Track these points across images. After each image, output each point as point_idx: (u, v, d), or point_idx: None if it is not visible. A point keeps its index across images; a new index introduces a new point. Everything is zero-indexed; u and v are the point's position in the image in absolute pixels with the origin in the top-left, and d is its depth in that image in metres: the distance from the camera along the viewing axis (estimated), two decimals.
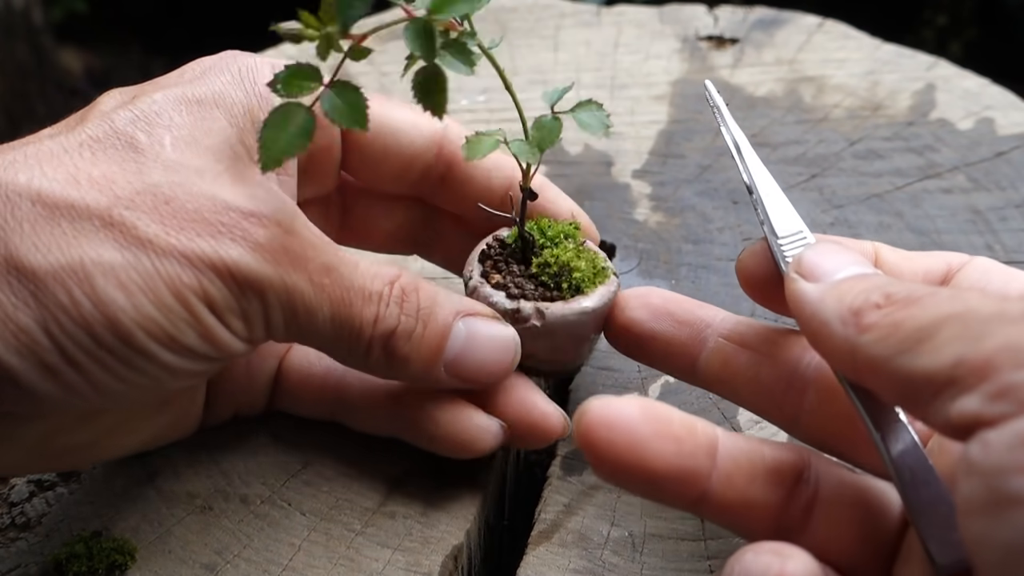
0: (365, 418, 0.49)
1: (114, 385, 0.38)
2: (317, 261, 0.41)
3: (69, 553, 0.44)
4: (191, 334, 0.39)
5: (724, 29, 0.86)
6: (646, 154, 0.72)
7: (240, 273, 0.39)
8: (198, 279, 0.38)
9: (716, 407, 0.53)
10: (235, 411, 0.50)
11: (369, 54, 0.41)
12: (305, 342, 0.44)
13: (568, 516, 0.48)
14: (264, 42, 0.85)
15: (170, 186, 0.39)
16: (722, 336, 0.45)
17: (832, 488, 0.38)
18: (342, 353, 0.44)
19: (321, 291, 0.41)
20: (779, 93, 0.78)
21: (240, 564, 0.45)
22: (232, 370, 0.49)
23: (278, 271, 0.40)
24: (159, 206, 0.39)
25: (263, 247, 0.40)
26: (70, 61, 2.44)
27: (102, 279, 0.37)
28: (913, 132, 0.73)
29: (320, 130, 0.48)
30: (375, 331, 0.43)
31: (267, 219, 0.40)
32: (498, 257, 0.49)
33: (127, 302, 0.37)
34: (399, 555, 0.45)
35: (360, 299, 0.42)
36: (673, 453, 0.35)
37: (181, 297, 0.38)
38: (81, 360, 0.37)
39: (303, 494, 0.48)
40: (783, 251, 0.43)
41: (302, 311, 0.41)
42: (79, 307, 0.37)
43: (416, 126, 0.51)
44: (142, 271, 0.37)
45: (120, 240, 0.38)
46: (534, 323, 0.46)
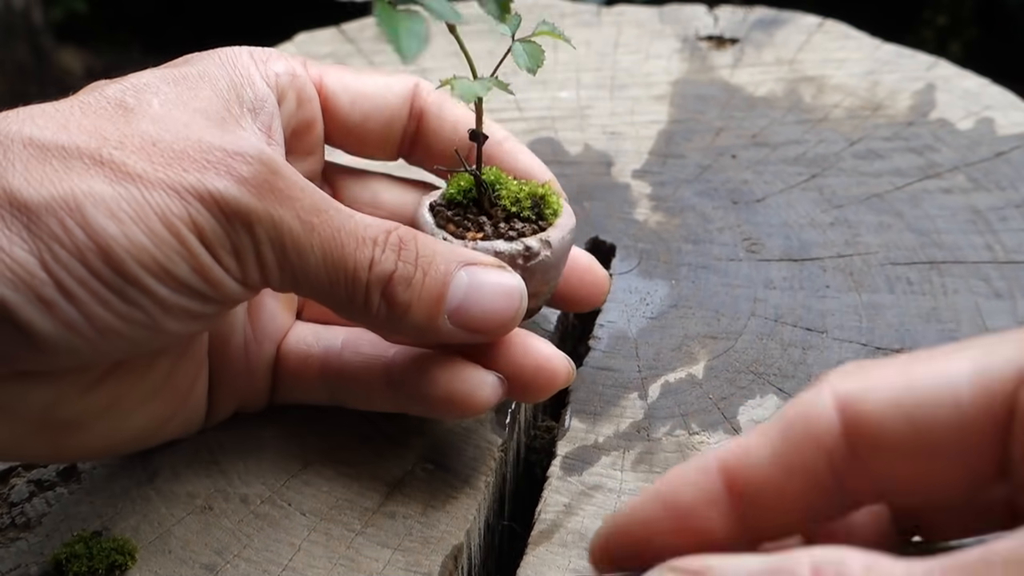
0: (365, 394, 0.49)
1: (111, 321, 0.38)
2: (306, 201, 0.42)
3: (69, 553, 0.44)
4: (183, 266, 0.39)
5: (724, 29, 0.86)
6: (646, 154, 0.72)
7: (226, 204, 0.40)
8: (186, 210, 0.39)
9: (716, 407, 0.53)
10: (238, 404, 0.50)
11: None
12: (303, 291, 0.43)
13: (568, 516, 0.48)
14: (264, 42, 0.85)
15: (158, 132, 0.41)
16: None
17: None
18: (342, 302, 0.43)
19: (311, 230, 0.41)
20: (779, 93, 0.78)
21: (240, 564, 0.45)
22: (230, 359, 0.49)
23: (264, 204, 0.40)
24: (147, 147, 0.40)
25: (248, 181, 0.40)
26: (70, 61, 2.44)
27: (92, 209, 0.38)
28: (913, 132, 0.73)
29: (303, 105, 0.49)
30: (371, 275, 0.42)
31: (252, 158, 0.41)
32: (457, 217, 0.48)
33: (118, 230, 0.38)
34: (399, 555, 0.45)
35: (353, 242, 0.42)
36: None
37: (171, 227, 0.39)
38: (77, 292, 0.37)
39: (303, 494, 0.48)
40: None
41: (291, 249, 0.41)
42: (72, 236, 0.37)
43: (389, 87, 0.52)
44: (132, 202, 0.38)
45: (110, 175, 0.39)
46: (545, 255, 0.46)
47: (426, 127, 0.52)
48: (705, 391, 0.54)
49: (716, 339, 0.57)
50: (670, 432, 0.52)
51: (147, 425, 0.46)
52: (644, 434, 0.52)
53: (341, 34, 0.85)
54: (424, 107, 0.52)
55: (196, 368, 0.47)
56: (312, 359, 0.49)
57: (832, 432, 0.32)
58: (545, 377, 0.46)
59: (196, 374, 0.48)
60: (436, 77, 0.78)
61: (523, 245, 0.46)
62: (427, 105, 0.52)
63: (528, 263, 0.46)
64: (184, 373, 0.47)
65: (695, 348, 0.56)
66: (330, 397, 0.50)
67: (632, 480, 0.49)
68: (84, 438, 0.44)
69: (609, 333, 0.58)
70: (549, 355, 0.46)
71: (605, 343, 0.57)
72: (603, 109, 0.76)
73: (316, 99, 0.50)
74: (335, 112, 0.51)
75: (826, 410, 0.32)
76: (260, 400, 0.51)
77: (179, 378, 0.46)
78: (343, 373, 0.49)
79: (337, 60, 0.81)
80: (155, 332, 0.40)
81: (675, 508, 0.34)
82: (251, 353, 0.49)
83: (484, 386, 0.45)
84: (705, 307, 0.59)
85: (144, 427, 0.46)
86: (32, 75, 2.15)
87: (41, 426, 0.42)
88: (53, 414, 0.42)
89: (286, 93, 0.49)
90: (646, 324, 0.58)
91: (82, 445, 0.44)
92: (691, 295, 0.60)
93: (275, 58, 0.49)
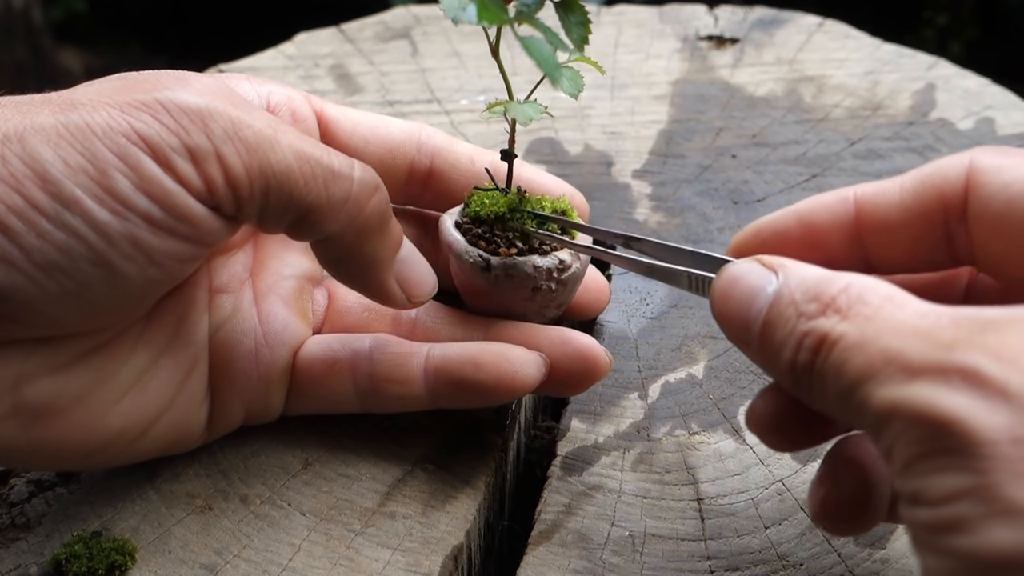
0: (399, 393, 0.48)
1: (51, 254, 0.38)
2: (263, 113, 0.42)
3: (69, 553, 0.44)
4: (124, 183, 0.38)
5: (724, 29, 0.86)
6: (646, 154, 0.72)
7: (174, 103, 0.39)
8: (128, 122, 0.39)
9: (716, 407, 0.53)
10: (246, 413, 0.49)
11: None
12: (273, 198, 0.41)
13: (568, 516, 0.48)
14: (264, 42, 0.85)
15: (114, 81, 0.41)
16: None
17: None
18: (317, 201, 0.42)
19: (274, 130, 0.41)
20: (779, 93, 0.78)
21: (240, 564, 0.45)
22: (239, 364, 0.48)
23: (220, 103, 0.40)
24: (98, 87, 0.41)
25: (199, 90, 0.40)
26: (70, 61, 2.44)
27: (32, 138, 0.38)
28: (913, 132, 0.73)
29: (297, 123, 0.49)
30: (355, 174, 0.42)
31: (205, 81, 0.42)
32: (487, 235, 0.49)
33: (54, 154, 0.38)
34: (399, 555, 0.45)
35: (325, 149, 0.42)
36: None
37: (111, 142, 0.38)
38: (14, 225, 0.37)
39: (303, 494, 0.48)
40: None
41: (253, 141, 0.40)
42: (8, 166, 0.37)
43: (389, 122, 0.52)
44: (71, 126, 0.38)
45: (55, 109, 0.39)
46: (576, 267, 0.48)
47: (443, 163, 0.52)
48: (705, 391, 0.54)
49: (716, 339, 0.57)
50: (670, 432, 0.52)
51: (129, 422, 0.44)
52: (644, 434, 0.52)
53: (341, 34, 0.85)
54: (436, 145, 0.52)
55: (186, 364, 0.46)
56: (341, 364, 0.48)
57: (957, 193, 0.39)
58: (585, 365, 0.47)
59: (186, 372, 0.46)
60: (436, 77, 0.78)
61: (558, 259, 0.48)
62: (438, 143, 0.52)
63: (562, 275, 0.48)
64: (170, 367, 0.45)
65: (695, 348, 0.56)
66: (360, 403, 0.49)
67: (632, 480, 0.49)
68: (59, 427, 0.42)
69: (609, 333, 0.58)
70: (589, 345, 0.47)
71: (605, 343, 0.57)
72: (603, 109, 0.76)
73: (312, 120, 0.50)
74: (334, 134, 0.51)
75: (958, 174, 0.39)
76: (271, 410, 0.49)
77: (164, 372, 0.45)
78: (375, 375, 0.48)
79: (337, 60, 0.81)
80: (104, 271, 0.39)
81: (809, 225, 0.42)
82: (262, 359, 0.48)
83: (530, 365, 0.46)
84: (705, 307, 0.59)
85: (126, 424, 0.44)
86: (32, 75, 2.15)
87: (13, 409, 0.40)
88: (22, 392, 0.40)
89: (279, 109, 0.48)
90: (646, 324, 0.58)
91: (58, 436, 0.42)
92: (691, 295, 0.60)
93: (272, 83, 0.50)
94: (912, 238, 0.41)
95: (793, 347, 0.36)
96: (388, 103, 0.76)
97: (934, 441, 0.30)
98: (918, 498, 0.31)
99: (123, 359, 0.44)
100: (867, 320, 0.34)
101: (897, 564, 0.45)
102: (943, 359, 0.31)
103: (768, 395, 0.41)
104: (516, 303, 0.48)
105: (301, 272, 0.51)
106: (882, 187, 0.41)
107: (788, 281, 0.37)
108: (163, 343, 0.45)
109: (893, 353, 0.32)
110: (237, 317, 0.48)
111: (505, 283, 0.47)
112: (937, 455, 0.30)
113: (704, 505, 0.48)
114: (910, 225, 0.41)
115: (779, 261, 0.39)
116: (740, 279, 0.39)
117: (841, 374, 0.34)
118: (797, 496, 0.48)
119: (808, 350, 0.35)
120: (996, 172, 0.38)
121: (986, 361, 0.30)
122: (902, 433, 0.31)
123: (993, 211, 0.38)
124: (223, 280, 0.49)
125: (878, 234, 0.41)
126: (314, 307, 0.51)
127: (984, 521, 0.28)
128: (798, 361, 0.36)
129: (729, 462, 0.50)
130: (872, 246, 0.42)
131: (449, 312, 0.50)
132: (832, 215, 0.42)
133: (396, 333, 0.50)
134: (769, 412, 0.40)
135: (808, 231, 0.42)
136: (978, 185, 0.38)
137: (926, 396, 0.30)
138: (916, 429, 0.30)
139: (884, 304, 0.34)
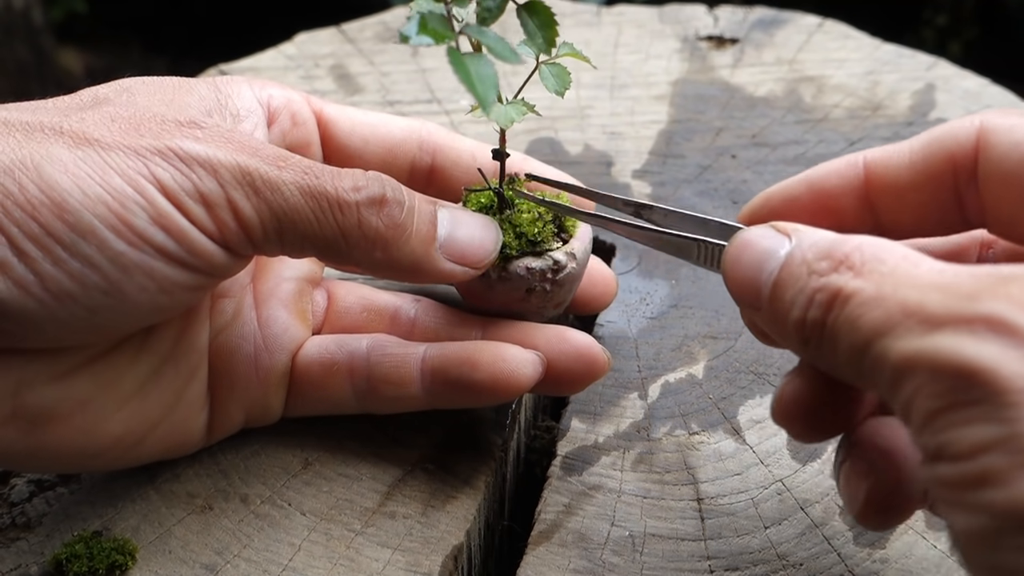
0: (397, 393, 0.48)
1: (65, 282, 0.38)
2: (268, 151, 0.42)
3: (69, 553, 0.44)
4: (141, 215, 0.39)
5: (724, 29, 0.86)
6: (646, 154, 0.72)
7: (184, 152, 0.40)
8: (144, 164, 0.39)
9: (716, 407, 0.53)
10: (246, 417, 0.49)
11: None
12: (288, 234, 0.42)
13: (568, 516, 0.48)
14: (264, 42, 0.85)
15: (118, 112, 0.42)
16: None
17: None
18: (333, 234, 0.42)
19: (279, 168, 0.41)
20: (779, 93, 0.78)
21: (240, 564, 0.45)
22: (238, 369, 0.48)
23: (224, 151, 0.41)
24: (106, 122, 0.41)
25: (205, 138, 0.41)
26: (70, 61, 2.44)
27: (50, 167, 0.38)
28: (913, 132, 0.73)
29: (297, 126, 0.49)
30: (360, 197, 0.42)
31: (207, 123, 0.42)
32: None
33: (73, 185, 0.38)
34: (399, 555, 0.45)
35: (327, 174, 0.42)
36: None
37: (129, 179, 0.39)
38: (29, 251, 0.37)
39: (303, 494, 0.48)
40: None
41: (263, 185, 0.40)
42: (25, 192, 0.37)
43: (389, 120, 0.52)
44: (90, 161, 0.39)
45: (69, 142, 0.39)
46: (572, 267, 0.48)
47: (445, 160, 0.52)
48: (705, 391, 0.54)
49: (716, 339, 0.57)
50: (670, 432, 0.52)
51: (129, 428, 0.44)
52: (644, 434, 0.52)
53: (341, 34, 0.85)
54: (437, 142, 0.52)
55: (187, 372, 0.46)
56: (338, 366, 0.48)
57: (967, 154, 0.38)
58: (583, 363, 0.47)
59: (187, 379, 0.46)
60: (436, 77, 0.78)
61: (552, 260, 0.47)
62: (440, 140, 0.52)
63: (557, 276, 0.47)
64: (171, 375, 0.46)
65: (695, 348, 0.56)
66: (358, 404, 0.49)
67: (632, 480, 0.49)
68: (59, 432, 0.42)
69: (609, 333, 0.58)
70: (588, 343, 0.47)
71: (605, 343, 0.57)
72: (603, 109, 0.76)
73: (312, 123, 0.50)
74: (333, 135, 0.51)
75: (968, 135, 0.38)
76: (270, 413, 0.49)
77: (166, 380, 0.45)
78: (373, 376, 0.48)
79: (337, 60, 0.81)
80: (116, 299, 0.39)
81: (819, 191, 0.42)
82: (261, 364, 0.48)
83: (526, 364, 0.46)
84: (705, 307, 0.59)
85: (126, 430, 0.44)
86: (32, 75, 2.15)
87: (13, 414, 0.41)
88: (22, 398, 0.41)
89: (279, 112, 0.49)
90: (646, 324, 0.58)
91: (58, 441, 0.42)
92: (691, 295, 0.60)
93: (272, 85, 0.50)
94: (922, 200, 0.41)
95: (803, 305, 0.35)
96: (388, 103, 0.76)
97: (959, 392, 0.29)
98: (942, 453, 0.30)
99: (125, 367, 0.44)
100: (883, 276, 0.33)
101: (897, 564, 0.45)
102: (967, 309, 0.30)
103: (793, 380, 0.40)
104: (513, 304, 0.48)
105: (301, 274, 0.51)
106: (891, 150, 0.41)
107: (801, 243, 0.37)
108: (165, 351, 0.45)
109: (913, 305, 0.31)
110: (237, 322, 0.48)
111: (499, 285, 0.47)
112: (963, 407, 0.29)
113: (704, 505, 0.48)
114: (920, 187, 0.40)
115: (792, 226, 0.39)
116: (753, 243, 0.39)
117: (855, 328, 0.33)
118: (797, 496, 0.48)
119: (820, 306, 0.35)
120: (1007, 132, 0.38)
121: (1013, 310, 0.29)
122: (924, 386, 0.30)
123: (1004, 171, 0.38)
124: (225, 285, 0.49)
125: (888, 197, 0.41)
126: (314, 308, 0.51)
127: (1017, 472, 0.27)
128: (808, 319, 0.35)
129: (729, 462, 0.50)
130: (882, 209, 0.41)
131: (448, 312, 0.50)
132: (842, 179, 0.42)
133: (395, 333, 0.50)
134: (796, 396, 0.39)
135: (818, 196, 0.42)
136: (989, 145, 0.38)
137: (950, 346, 0.29)
138: (939, 381, 0.29)
139: (900, 262, 0.34)
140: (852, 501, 0.39)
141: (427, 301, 0.51)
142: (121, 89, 0.44)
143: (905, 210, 0.41)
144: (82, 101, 0.43)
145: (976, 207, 0.40)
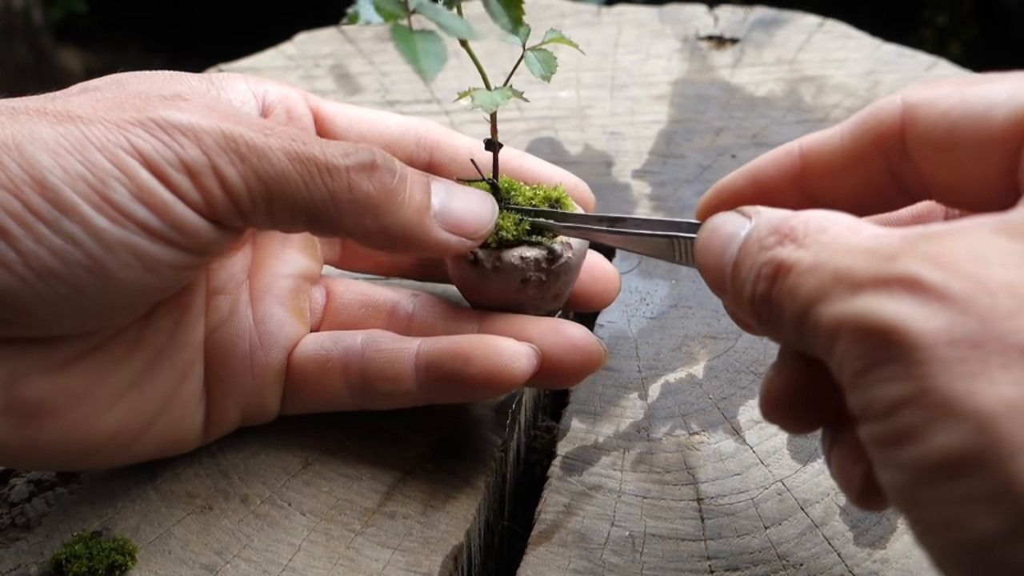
0: (392, 389, 0.47)
1: (47, 260, 0.38)
2: (254, 120, 0.42)
3: (69, 553, 0.44)
4: (122, 190, 0.39)
5: (724, 29, 0.86)
6: (646, 154, 0.72)
7: (166, 121, 0.40)
8: (125, 137, 0.39)
9: (716, 407, 0.53)
10: (243, 414, 0.49)
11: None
12: (277, 204, 0.41)
13: (568, 516, 0.48)
14: (264, 42, 0.85)
15: (103, 94, 0.42)
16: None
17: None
18: (321, 199, 0.41)
19: (266, 136, 0.41)
20: (779, 93, 0.78)
21: (240, 564, 0.45)
22: (234, 366, 0.48)
23: (209, 118, 0.40)
24: (92, 102, 0.41)
25: (189, 108, 0.41)
26: (70, 61, 2.44)
27: (30, 146, 0.38)
28: None
29: (293, 121, 0.49)
30: (349, 162, 0.42)
31: (191, 97, 0.42)
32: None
33: (53, 162, 0.38)
34: (399, 555, 0.45)
35: (315, 142, 0.42)
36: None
37: (109, 153, 0.39)
38: (11, 228, 0.37)
39: (303, 494, 0.48)
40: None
41: (248, 152, 0.40)
42: (7, 171, 0.37)
43: (387, 117, 0.52)
44: (70, 137, 0.39)
45: (52, 120, 0.39)
46: (567, 256, 0.48)
47: (442, 156, 0.52)
48: (705, 391, 0.54)
49: (716, 339, 0.57)
50: (670, 432, 0.52)
51: (125, 424, 0.44)
52: (644, 434, 0.52)
53: (341, 34, 0.85)
54: (435, 139, 0.52)
55: (182, 367, 0.46)
56: (333, 363, 0.48)
57: (893, 133, 0.39)
58: (578, 355, 0.47)
59: (183, 375, 0.46)
60: (436, 76, 0.78)
61: (547, 249, 0.47)
62: (437, 137, 0.52)
63: (552, 266, 0.47)
64: (166, 370, 0.45)
65: (695, 348, 0.56)
66: (353, 400, 0.49)
67: (632, 480, 0.49)
68: (53, 426, 0.42)
69: (609, 333, 0.58)
70: (583, 334, 0.47)
71: (605, 343, 0.56)
72: (603, 109, 0.76)
73: (308, 118, 0.50)
74: (330, 132, 0.51)
75: (892, 114, 0.39)
76: (267, 410, 0.49)
77: (160, 375, 0.45)
78: (367, 372, 0.48)
79: (337, 60, 0.81)
80: (100, 277, 0.39)
81: (760, 182, 0.43)
82: (257, 361, 0.48)
83: (520, 357, 0.45)
84: (705, 307, 0.59)
85: (121, 426, 0.44)
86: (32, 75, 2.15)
87: (6, 407, 0.40)
88: (16, 390, 0.40)
89: (274, 106, 0.49)
90: (646, 324, 0.58)
91: (52, 436, 0.42)
92: (691, 295, 0.60)
93: (269, 81, 0.50)
94: (856, 182, 0.41)
95: (753, 280, 0.36)
96: (388, 103, 0.76)
97: (877, 352, 0.29)
98: (867, 412, 0.30)
99: (119, 361, 0.44)
100: (822, 246, 0.34)
101: (897, 564, 0.45)
102: (885, 269, 0.30)
103: (774, 372, 0.40)
104: (508, 295, 0.48)
105: (299, 271, 0.51)
106: (825, 135, 0.42)
107: (758, 223, 0.38)
108: (160, 346, 0.45)
109: (843, 271, 0.32)
110: (233, 319, 0.48)
111: (494, 276, 0.47)
112: (880, 365, 0.29)
113: (704, 505, 0.48)
114: (852, 168, 0.41)
115: (755, 209, 0.40)
116: (718, 228, 0.40)
117: (795, 298, 0.34)
118: (797, 496, 0.48)
119: (765, 279, 0.35)
120: (931, 104, 0.38)
121: (925, 268, 0.30)
122: (849, 348, 0.31)
123: (934, 141, 0.38)
124: (221, 281, 0.49)
125: (824, 180, 0.42)
126: (312, 305, 0.51)
127: (927, 427, 0.28)
128: (757, 292, 0.36)
129: (729, 462, 0.50)
130: (818, 193, 0.42)
131: (444, 306, 0.50)
132: (779, 169, 0.42)
133: (392, 328, 0.50)
134: (780, 387, 0.39)
135: (759, 187, 0.43)
136: (916, 120, 0.39)
137: (868, 307, 0.30)
138: (861, 342, 0.30)
139: (842, 231, 0.34)
140: (848, 487, 0.39)
141: (425, 296, 0.51)
142: (112, 80, 0.45)
143: (841, 192, 0.41)
144: (71, 92, 0.44)
145: (915, 180, 0.40)
